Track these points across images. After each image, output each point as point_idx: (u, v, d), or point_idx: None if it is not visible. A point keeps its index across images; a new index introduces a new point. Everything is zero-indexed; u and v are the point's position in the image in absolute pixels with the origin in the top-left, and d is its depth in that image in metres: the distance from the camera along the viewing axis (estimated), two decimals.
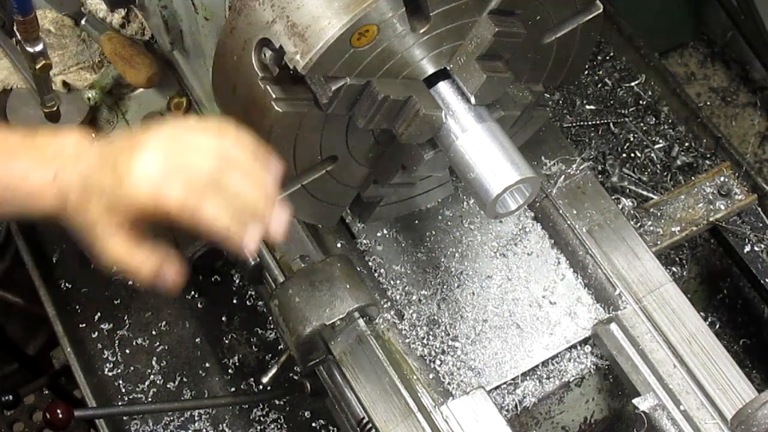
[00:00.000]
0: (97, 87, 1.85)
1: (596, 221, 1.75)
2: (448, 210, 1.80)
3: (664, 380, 1.61)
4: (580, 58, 1.60)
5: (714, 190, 1.87)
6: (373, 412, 1.55)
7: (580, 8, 1.50)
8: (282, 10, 1.31)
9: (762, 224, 1.86)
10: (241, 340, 1.92)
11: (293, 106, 1.35)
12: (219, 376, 1.89)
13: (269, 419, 1.85)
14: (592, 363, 1.70)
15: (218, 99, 1.50)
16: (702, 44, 2.58)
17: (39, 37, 1.54)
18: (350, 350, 1.59)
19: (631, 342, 1.65)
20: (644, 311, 1.66)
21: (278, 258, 1.67)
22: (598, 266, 1.71)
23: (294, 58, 1.29)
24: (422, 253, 1.76)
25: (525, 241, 1.78)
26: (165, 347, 1.90)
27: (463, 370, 1.66)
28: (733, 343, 2.00)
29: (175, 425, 1.83)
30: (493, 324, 1.71)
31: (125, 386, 1.86)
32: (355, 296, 1.55)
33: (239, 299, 1.96)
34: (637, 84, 2.13)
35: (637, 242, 1.73)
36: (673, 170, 2.03)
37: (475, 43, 1.39)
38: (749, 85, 2.53)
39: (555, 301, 1.72)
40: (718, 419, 1.57)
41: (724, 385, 1.59)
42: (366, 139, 1.50)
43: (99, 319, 1.92)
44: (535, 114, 1.69)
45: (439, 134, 1.41)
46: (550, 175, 1.79)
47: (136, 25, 1.83)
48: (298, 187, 1.49)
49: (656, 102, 2.11)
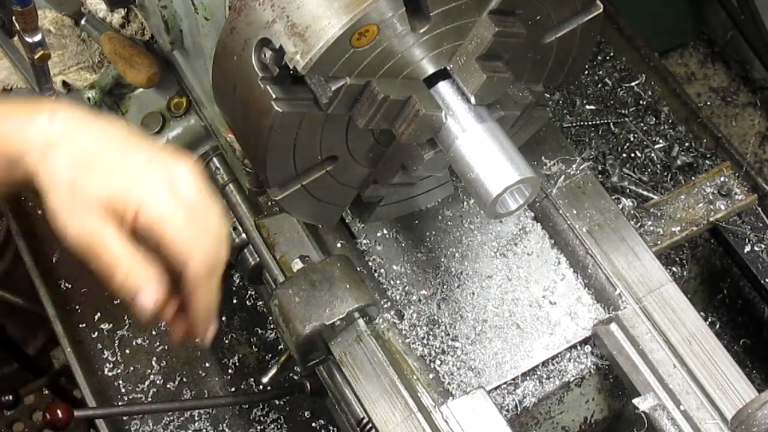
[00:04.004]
0: (97, 87, 1.84)
1: (596, 221, 1.75)
2: (448, 210, 1.80)
3: (664, 380, 1.61)
4: (580, 58, 1.60)
5: (714, 190, 1.87)
6: (373, 412, 1.55)
7: (580, 8, 1.50)
8: (282, 10, 1.31)
9: (762, 224, 1.86)
10: (241, 340, 1.92)
11: (293, 106, 1.35)
12: (219, 376, 1.88)
13: (269, 419, 1.85)
14: (592, 363, 1.70)
15: (218, 99, 1.50)
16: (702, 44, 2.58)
17: (38, 27, 1.55)
18: (350, 350, 1.59)
19: (631, 342, 1.65)
20: (644, 311, 1.66)
21: (278, 258, 1.67)
22: (598, 266, 1.71)
23: (294, 58, 1.29)
24: (422, 253, 1.76)
25: (525, 241, 1.78)
26: (165, 347, 1.90)
27: (463, 370, 1.66)
28: (733, 343, 2.00)
29: (175, 425, 1.83)
30: (493, 324, 1.71)
31: (125, 386, 1.86)
32: (355, 296, 1.55)
33: (239, 299, 1.96)
34: (637, 84, 2.13)
35: (637, 242, 1.73)
36: (673, 170, 2.03)
37: (475, 43, 1.39)
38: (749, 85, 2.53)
39: (555, 301, 1.72)
40: (718, 419, 1.57)
41: (724, 385, 1.59)
42: (366, 139, 1.50)
43: (99, 319, 1.92)
44: (535, 114, 1.68)
45: (439, 134, 1.41)
46: (550, 175, 1.79)
47: (136, 25, 1.83)
48: (298, 187, 1.49)
49: (656, 102, 2.11)
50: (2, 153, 1.20)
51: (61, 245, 1.98)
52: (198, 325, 1.25)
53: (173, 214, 1.17)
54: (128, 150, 1.21)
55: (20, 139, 1.19)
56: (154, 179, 1.18)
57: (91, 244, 1.15)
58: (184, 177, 1.20)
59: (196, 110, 1.80)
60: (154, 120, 1.79)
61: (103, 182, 1.16)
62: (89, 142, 1.19)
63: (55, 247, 2.00)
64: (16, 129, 1.20)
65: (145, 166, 1.19)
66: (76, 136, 1.19)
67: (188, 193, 1.19)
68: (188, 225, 1.17)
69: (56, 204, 1.16)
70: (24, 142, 1.19)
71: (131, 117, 1.85)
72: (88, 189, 1.15)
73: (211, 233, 1.20)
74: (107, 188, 1.15)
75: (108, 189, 1.15)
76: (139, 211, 1.15)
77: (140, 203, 1.15)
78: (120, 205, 1.15)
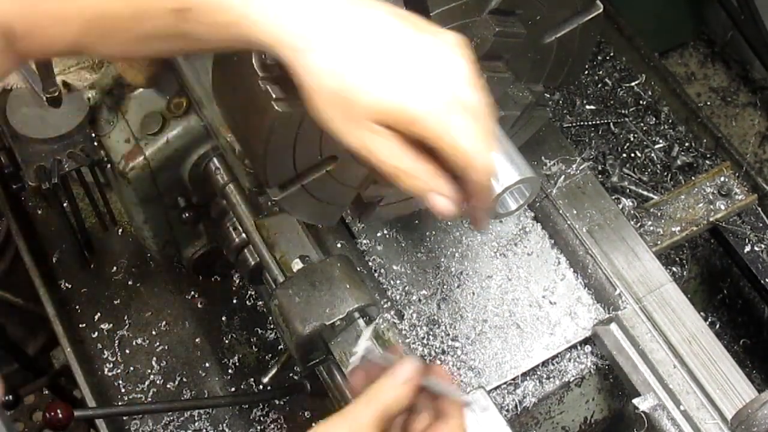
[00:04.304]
0: (97, 87, 1.84)
1: (596, 221, 1.75)
2: None
3: (664, 380, 1.61)
4: (580, 58, 1.60)
5: (714, 190, 1.87)
6: None
7: (580, 8, 1.50)
8: None
9: (762, 224, 1.86)
10: (241, 340, 1.92)
11: (293, 106, 1.35)
12: (219, 376, 1.88)
13: (269, 419, 1.84)
14: (592, 363, 1.70)
15: (218, 99, 1.49)
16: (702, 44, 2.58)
17: None
18: (350, 350, 1.59)
19: (631, 342, 1.65)
20: (644, 311, 1.66)
21: (278, 258, 1.67)
22: (598, 266, 1.71)
23: None
24: (422, 253, 1.76)
25: (525, 241, 1.78)
26: (165, 347, 1.90)
27: (463, 370, 1.66)
28: (733, 343, 2.00)
29: (175, 425, 1.82)
30: (493, 324, 1.71)
31: (125, 386, 1.86)
32: (355, 296, 1.55)
33: (239, 299, 1.96)
34: (637, 84, 2.13)
35: (637, 242, 1.73)
36: (673, 170, 2.03)
37: (475, 43, 1.39)
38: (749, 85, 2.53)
39: (555, 301, 1.72)
40: (718, 419, 1.57)
41: (724, 385, 1.59)
42: None
43: (99, 319, 1.92)
44: (535, 114, 1.68)
45: None
46: (550, 175, 1.79)
47: None
48: (298, 187, 1.49)
49: (656, 102, 2.11)
50: (231, 34, 1.11)
51: (61, 245, 2.00)
52: (476, 219, 1.18)
53: (453, 126, 1.06)
54: (396, 48, 1.07)
55: (262, 30, 1.09)
56: (429, 89, 1.06)
57: (368, 155, 1.08)
58: (463, 80, 1.08)
59: (196, 110, 1.79)
60: (154, 120, 1.79)
61: (372, 94, 1.05)
62: (351, 41, 1.06)
63: (55, 247, 2.01)
64: (260, 13, 1.08)
65: (418, 72, 1.06)
66: (336, 35, 1.06)
67: (467, 99, 1.08)
68: (467, 133, 1.07)
69: (322, 111, 1.09)
70: (268, 33, 1.08)
71: (131, 117, 1.85)
72: (356, 101, 1.06)
73: (489, 135, 1.10)
74: (377, 102, 1.05)
75: (379, 103, 1.05)
76: (415, 123, 1.06)
77: (415, 117, 1.06)
78: (393, 119, 1.06)
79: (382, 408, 1.14)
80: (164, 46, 1.20)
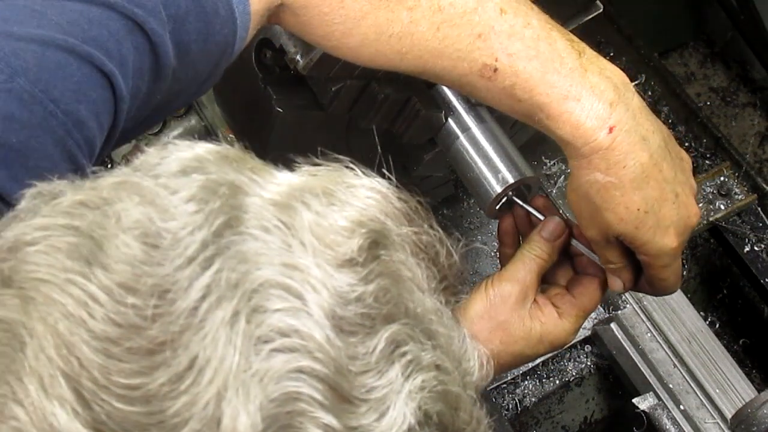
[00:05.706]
0: None
1: None
2: (448, 210, 1.80)
3: (664, 380, 1.61)
4: None
5: (714, 190, 1.87)
6: None
7: (580, 8, 1.50)
8: None
9: (762, 224, 1.86)
10: None
11: (293, 107, 1.35)
12: None
13: None
14: (592, 363, 1.70)
15: (218, 99, 1.50)
16: (702, 44, 2.58)
17: None
18: None
19: (631, 342, 1.65)
20: (644, 311, 1.66)
21: None
22: None
23: (294, 59, 1.29)
24: None
25: None
26: None
27: None
28: (733, 343, 2.00)
29: None
30: None
31: None
32: None
33: None
34: (637, 84, 2.13)
35: None
36: None
37: None
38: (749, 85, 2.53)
39: None
40: (718, 419, 1.57)
41: (724, 384, 1.59)
42: (366, 139, 1.50)
43: None
44: None
45: (439, 134, 1.41)
46: (550, 175, 1.79)
47: None
48: None
49: (656, 102, 2.11)
50: (534, 106, 1.18)
51: None
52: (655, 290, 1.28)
53: (673, 266, 1.21)
54: (660, 191, 1.16)
55: (570, 120, 1.17)
56: (663, 233, 1.17)
57: (596, 248, 1.23)
58: (692, 228, 1.20)
59: (196, 110, 1.80)
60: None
61: (616, 221, 1.15)
62: (620, 171, 1.13)
63: None
64: (576, 104, 1.15)
65: (669, 218, 1.17)
66: (618, 162, 1.13)
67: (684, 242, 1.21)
68: (676, 273, 1.23)
69: (577, 209, 1.21)
70: (573, 125, 1.16)
71: None
72: (602, 219, 1.16)
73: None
74: (618, 228, 1.16)
75: (619, 229, 1.16)
76: (650, 256, 1.19)
77: (652, 253, 1.18)
78: (632, 245, 1.18)
79: (537, 268, 1.24)
80: (436, 78, 1.21)
